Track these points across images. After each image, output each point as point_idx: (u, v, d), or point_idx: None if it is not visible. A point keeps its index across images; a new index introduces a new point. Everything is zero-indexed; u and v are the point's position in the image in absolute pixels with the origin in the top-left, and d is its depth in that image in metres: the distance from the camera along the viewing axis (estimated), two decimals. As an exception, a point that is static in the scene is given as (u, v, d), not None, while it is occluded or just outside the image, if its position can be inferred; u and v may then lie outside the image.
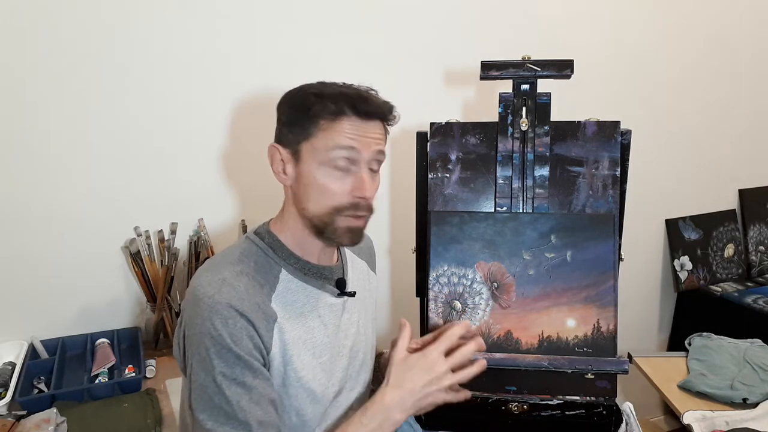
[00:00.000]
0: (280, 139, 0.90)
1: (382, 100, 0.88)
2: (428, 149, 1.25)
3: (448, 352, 0.89)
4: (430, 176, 1.23)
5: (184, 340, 0.84)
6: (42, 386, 1.29)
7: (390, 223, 1.78)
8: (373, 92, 0.89)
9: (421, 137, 1.26)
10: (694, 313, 2.21)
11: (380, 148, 0.88)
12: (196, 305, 0.81)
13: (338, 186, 0.85)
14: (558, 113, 1.23)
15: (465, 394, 0.92)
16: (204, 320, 0.79)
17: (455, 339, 0.90)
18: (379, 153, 0.88)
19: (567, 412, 1.13)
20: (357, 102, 0.84)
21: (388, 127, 0.91)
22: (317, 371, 0.90)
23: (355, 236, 0.89)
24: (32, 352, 1.38)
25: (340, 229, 0.87)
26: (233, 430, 0.77)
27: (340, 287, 0.96)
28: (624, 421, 1.15)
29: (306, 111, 0.85)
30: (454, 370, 0.88)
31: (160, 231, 1.49)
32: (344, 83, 0.88)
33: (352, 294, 0.97)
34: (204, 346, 0.79)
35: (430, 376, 0.85)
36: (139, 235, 1.46)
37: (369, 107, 0.85)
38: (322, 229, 0.88)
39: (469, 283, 1.14)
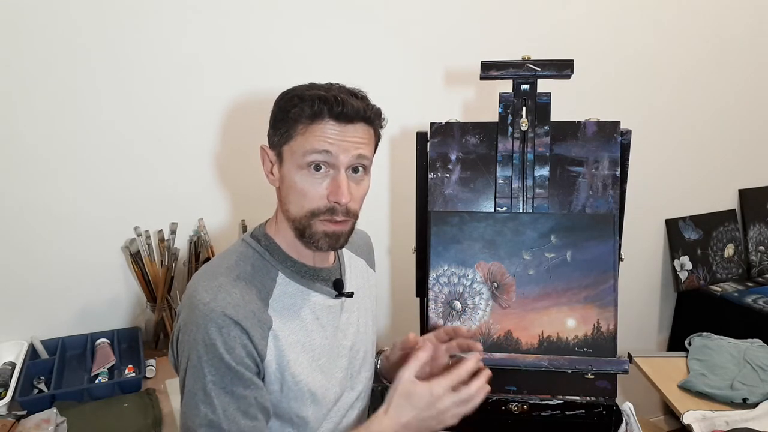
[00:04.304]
0: (268, 141, 0.90)
1: (363, 104, 0.85)
2: (428, 149, 1.25)
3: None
4: (430, 176, 1.23)
5: (177, 343, 0.85)
6: (42, 386, 1.29)
7: (390, 223, 1.78)
8: (362, 93, 0.87)
9: (421, 137, 1.26)
10: (694, 313, 2.21)
11: (361, 152, 0.85)
12: (191, 311, 0.81)
13: (315, 190, 0.84)
14: (558, 113, 1.23)
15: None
16: (199, 327, 0.79)
17: (466, 377, 0.85)
18: (359, 157, 0.85)
19: (567, 412, 1.13)
20: (335, 105, 0.82)
21: (379, 131, 0.90)
22: (316, 374, 0.90)
23: (333, 241, 0.87)
24: (32, 352, 1.38)
25: (317, 234, 0.86)
26: None
27: (338, 288, 0.95)
28: (624, 421, 1.15)
29: (287, 114, 0.84)
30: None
31: (160, 231, 1.49)
32: (331, 84, 0.87)
33: (350, 295, 0.97)
34: (197, 353, 0.79)
35: (430, 413, 0.83)
36: (139, 235, 1.46)
37: (347, 110, 0.82)
38: (302, 232, 0.87)
39: (469, 283, 1.14)
